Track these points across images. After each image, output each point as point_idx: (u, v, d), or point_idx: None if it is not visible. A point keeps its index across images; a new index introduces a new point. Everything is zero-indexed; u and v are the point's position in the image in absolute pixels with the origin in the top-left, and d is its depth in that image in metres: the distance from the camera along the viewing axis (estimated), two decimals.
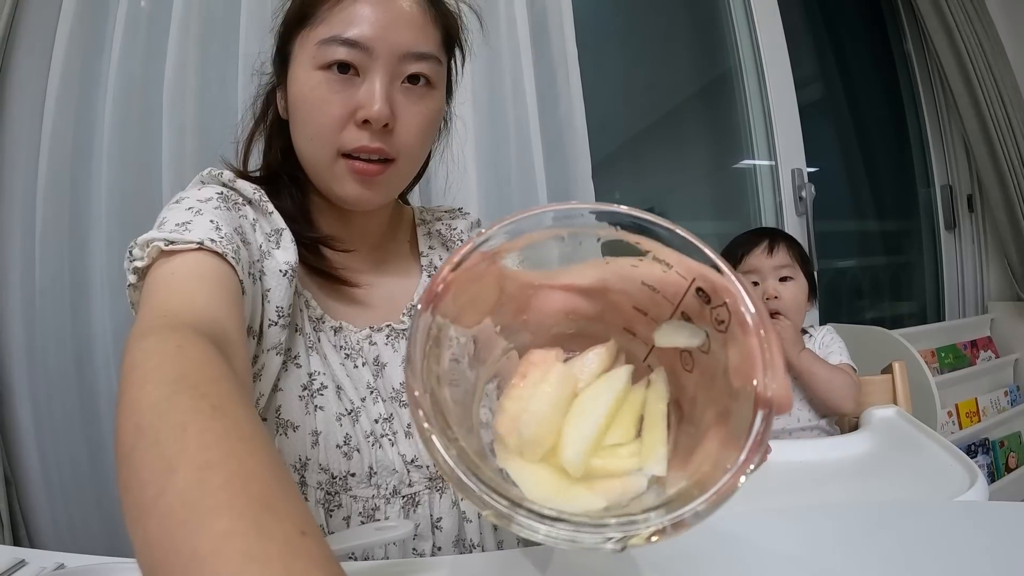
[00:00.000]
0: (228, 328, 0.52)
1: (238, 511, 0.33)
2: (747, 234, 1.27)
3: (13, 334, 1.31)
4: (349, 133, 0.72)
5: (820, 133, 2.09)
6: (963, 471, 0.82)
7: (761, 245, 1.19)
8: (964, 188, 2.23)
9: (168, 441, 0.36)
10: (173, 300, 0.54)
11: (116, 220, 1.28)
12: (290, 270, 0.70)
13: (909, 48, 2.29)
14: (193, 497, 0.33)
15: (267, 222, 0.74)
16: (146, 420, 0.38)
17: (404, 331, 0.82)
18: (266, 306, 0.68)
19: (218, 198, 0.68)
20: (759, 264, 1.19)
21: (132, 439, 0.37)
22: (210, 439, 0.36)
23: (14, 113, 1.30)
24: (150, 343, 0.45)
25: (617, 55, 1.99)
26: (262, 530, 0.32)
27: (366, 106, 0.70)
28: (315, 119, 0.72)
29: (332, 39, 0.70)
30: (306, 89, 0.72)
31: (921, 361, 1.56)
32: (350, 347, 0.78)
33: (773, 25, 1.90)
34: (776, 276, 1.18)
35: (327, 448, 0.71)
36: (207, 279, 0.57)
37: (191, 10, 1.29)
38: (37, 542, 1.34)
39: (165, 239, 0.58)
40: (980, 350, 1.95)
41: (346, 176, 0.73)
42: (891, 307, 2.40)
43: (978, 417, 1.80)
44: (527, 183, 1.40)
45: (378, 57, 0.71)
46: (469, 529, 0.79)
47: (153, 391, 0.40)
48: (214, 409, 0.39)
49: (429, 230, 0.92)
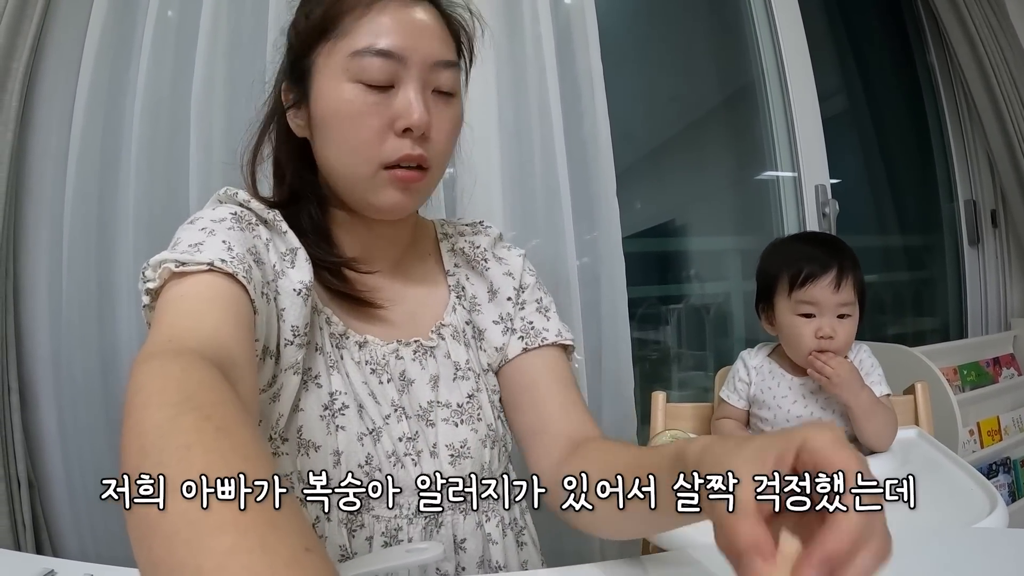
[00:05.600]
0: (235, 353, 0.53)
1: (242, 528, 0.33)
2: (812, 245, 1.13)
3: (39, 341, 1.33)
4: (390, 144, 0.71)
5: (842, 145, 2.08)
6: (984, 496, 0.81)
7: (828, 276, 1.06)
8: (988, 203, 2.20)
9: (172, 461, 0.36)
10: (181, 324, 0.54)
11: (143, 230, 1.29)
12: (304, 289, 0.70)
13: (932, 60, 2.26)
14: (197, 515, 0.33)
15: (282, 241, 0.73)
16: (150, 441, 0.39)
17: (432, 348, 0.81)
18: (282, 326, 0.68)
19: (232, 218, 0.68)
20: (822, 298, 1.06)
21: (136, 460, 0.37)
22: (215, 459, 0.36)
23: (43, 123, 1.32)
24: (154, 366, 0.45)
25: (640, 66, 1.98)
26: (267, 547, 0.33)
27: (405, 115, 0.70)
28: (354, 133, 0.71)
29: (365, 50, 0.70)
30: (340, 103, 0.71)
31: (944, 380, 1.55)
32: (375, 362, 0.77)
33: (796, 36, 1.88)
34: (836, 313, 1.07)
35: (349, 468, 0.71)
36: (216, 302, 0.57)
37: (219, 23, 1.30)
38: (59, 547, 1.35)
39: (176, 260, 0.58)
40: (1003, 367, 1.92)
41: (387, 186, 0.73)
42: (913, 323, 2.38)
43: (999, 435, 1.78)
44: (552, 200, 1.40)
45: (411, 66, 0.71)
46: (494, 551, 0.79)
47: (157, 413, 0.40)
48: (218, 430, 0.39)
49: (452, 246, 0.91)
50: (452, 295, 0.87)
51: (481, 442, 0.78)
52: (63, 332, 1.32)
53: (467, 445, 0.77)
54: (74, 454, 1.35)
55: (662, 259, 2.04)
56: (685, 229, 2.09)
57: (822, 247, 1.11)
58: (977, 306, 2.20)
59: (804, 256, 1.09)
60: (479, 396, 0.80)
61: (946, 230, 2.29)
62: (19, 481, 1.27)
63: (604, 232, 1.45)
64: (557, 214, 1.39)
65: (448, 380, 0.80)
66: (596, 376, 1.45)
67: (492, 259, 0.90)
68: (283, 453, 0.71)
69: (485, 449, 0.79)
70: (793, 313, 1.09)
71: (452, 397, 0.79)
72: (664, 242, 2.06)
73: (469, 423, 0.78)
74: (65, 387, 1.33)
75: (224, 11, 1.31)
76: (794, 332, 1.09)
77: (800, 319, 1.08)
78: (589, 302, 1.44)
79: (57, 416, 1.34)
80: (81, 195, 1.32)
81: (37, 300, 1.32)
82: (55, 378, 1.34)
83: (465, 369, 0.81)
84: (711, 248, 2.12)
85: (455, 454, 0.76)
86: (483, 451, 0.78)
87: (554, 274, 1.39)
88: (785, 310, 1.10)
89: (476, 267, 0.89)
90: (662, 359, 2.07)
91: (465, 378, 0.81)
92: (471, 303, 0.87)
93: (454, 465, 0.76)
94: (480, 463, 0.78)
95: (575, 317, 1.39)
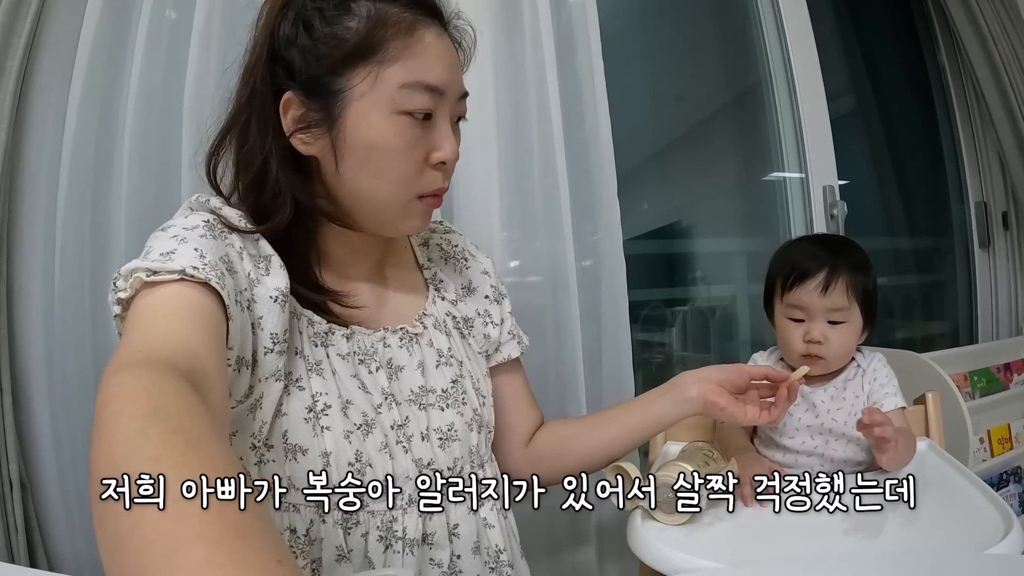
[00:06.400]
0: (206, 363, 0.52)
1: (214, 541, 0.33)
2: (806, 246, 1.08)
3: (32, 341, 1.32)
4: (427, 176, 0.75)
5: (851, 146, 2.05)
6: (998, 516, 0.78)
7: (816, 279, 1.00)
8: (999, 205, 2.16)
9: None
10: (151, 334, 0.54)
11: (136, 229, 1.27)
12: (280, 296, 0.69)
13: (943, 60, 2.23)
14: (168, 528, 0.33)
15: (255, 248, 0.72)
16: (119, 453, 0.38)
17: (417, 335, 0.83)
18: (259, 334, 0.68)
19: (204, 226, 0.67)
20: (809, 302, 1.01)
21: (106, 472, 0.37)
22: (184, 472, 0.36)
23: (37, 122, 1.30)
24: (124, 378, 0.45)
25: (645, 66, 1.96)
26: (237, 560, 0.32)
27: (443, 149, 0.74)
28: (400, 165, 0.72)
29: (416, 84, 0.70)
30: (390, 135, 0.71)
31: (954, 388, 1.51)
32: (364, 351, 0.78)
33: (804, 35, 1.85)
34: (826, 319, 1.01)
35: (339, 468, 0.71)
36: (187, 312, 0.56)
37: (212, 22, 1.28)
38: (52, 549, 1.34)
39: (148, 268, 0.58)
40: (1014, 373, 1.88)
41: (416, 213, 0.77)
42: (923, 327, 2.34)
43: (1010, 444, 1.73)
44: (551, 201, 1.38)
45: (448, 100, 0.74)
46: (492, 535, 0.81)
47: (127, 425, 0.40)
48: (188, 443, 0.39)
49: (425, 241, 0.95)
50: (431, 287, 0.90)
51: (467, 425, 0.81)
52: (56, 332, 1.31)
53: (454, 428, 0.80)
54: (67, 456, 1.33)
55: (667, 261, 2.01)
56: (690, 231, 2.07)
57: (821, 248, 1.05)
58: (988, 310, 2.16)
59: (799, 257, 1.04)
60: (462, 382, 0.84)
61: (956, 232, 2.25)
62: (11, 483, 1.26)
63: (605, 234, 1.43)
64: (556, 215, 1.37)
65: (432, 367, 0.83)
66: (595, 379, 1.42)
67: (470, 258, 0.95)
68: (269, 460, 0.71)
69: (472, 432, 0.82)
70: (784, 316, 1.05)
71: (437, 383, 0.82)
72: (669, 244, 2.04)
73: (455, 407, 0.81)
74: (58, 388, 1.32)
75: (218, 10, 1.29)
76: (784, 336, 1.05)
77: (790, 323, 1.04)
78: (589, 304, 1.42)
79: (50, 417, 1.33)
80: (74, 194, 1.30)
81: (30, 300, 1.31)
82: (48, 379, 1.32)
83: (448, 356, 0.84)
84: (717, 250, 2.10)
85: (443, 437, 0.79)
86: (470, 434, 0.81)
87: (553, 276, 1.38)
88: (779, 313, 1.07)
89: (455, 264, 0.94)
90: (666, 362, 2.04)
91: (448, 364, 0.84)
92: (453, 294, 0.91)
93: (444, 448, 0.78)
94: (468, 446, 0.81)
95: (574, 319, 1.36)
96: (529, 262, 1.42)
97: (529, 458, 0.96)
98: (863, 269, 1.03)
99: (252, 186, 0.74)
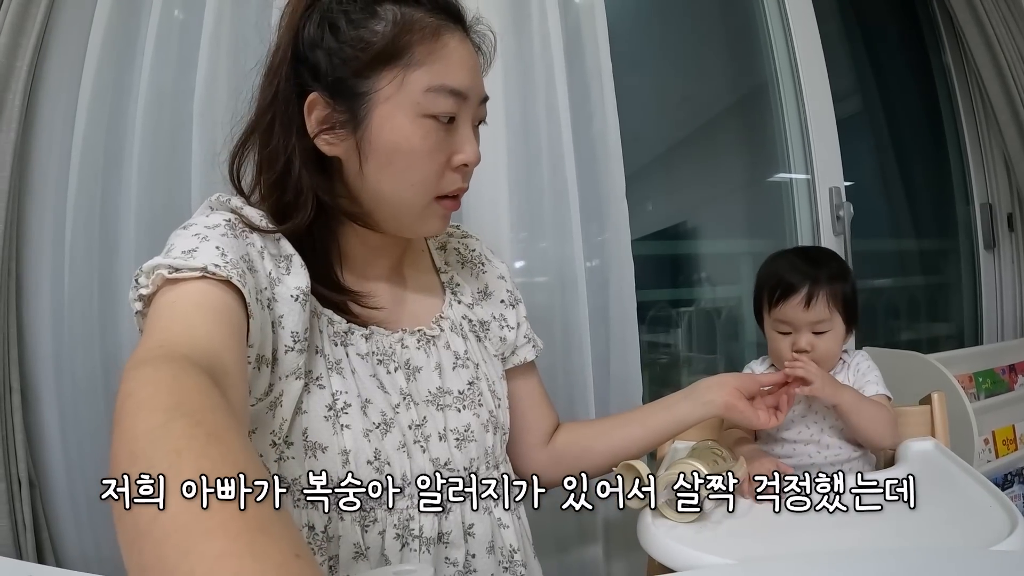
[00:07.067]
0: (226, 360, 0.53)
1: (233, 534, 0.33)
2: (787, 260, 1.13)
3: (41, 340, 1.32)
4: (448, 178, 0.75)
5: (857, 147, 2.05)
6: (1003, 515, 0.78)
7: (798, 295, 1.07)
8: (1004, 206, 2.16)
9: (162, 467, 0.36)
10: (172, 330, 0.54)
11: (145, 229, 1.28)
12: (301, 295, 0.69)
13: (948, 61, 2.22)
14: (187, 520, 0.34)
15: (276, 247, 0.73)
16: (140, 447, 0.39)
17: (434, 338, 0.84)
18: (280, 332, 0.68)
19: (225, 225, 0.67)
20: (794, 317, 1.08)
21: (126, 465, 0.37)
22: (205, 464, 0.36)
23: (46, 122, 1.30)
24: (146, 372, 0.46)
25: (651, 67, 1.96)
26: (256, 552, 0.33)
27: (465, 152, 0.74)
28: (423, 167, 0.73)
29: (440, 88, 0.71)
30: (415, 139, 0.71)
31: (959, 388, 1.51)
32: (382, 352, 0.79)
33: (810, 36, 1.85)
34: (811, 330, 1.08)
35: (358, 465, 0.71)
36: (208, 309, 0.57)
37: (222, 22, 1.28)
38: (60, 547, 1.34)
39: (170, 265, 0.58)
40: (1019, 374, 1.88)
41: (436, 215, 0.77)
42: (928, 328, 2.34)
43: (1015, 445, 1.73)
44: (559, 201, 1.38)
45: (470, 104, 0.75)
46: (506, 535, 0.82)
47: (148, 418, 0.40)
48: (209, 436, 0.39)
49: (443, 245, 0.96)
50: (447, 291, 0.91)
51: (483, 426, 0.82)
52: (65, 331, 1.31)
53: (471, 429, 0.81)
54: (75, 454, 1.34)
55: (673, 262, 2.02)
56: (697, 231, 2.07)
57: (801, 262, 1.11)
58: (993, 311, 2.16)
59: (781, 273, 1.11)
60: (479, 384, 0.85)
61: (961, 234, 2.25)
62: (20, 481, 1.26)
63: (613, 234, 1.43)
64: (565, 215, 1.37)
65: (449, 369, 0.84)
66: (604, 380, 1.43)
67: (486, 263, 0.96)
68: (289, 457, 0.71)
69: (487, 434, 0.83)
70: (773, 329, 1.12)
71: (454, 384, 0.83)
72: (675, 245, 2.04)
73: (471, 408, 0.82)
74: (67, 386, 1.32)
75: (227, 10, 1.29)
76: (774, 346, 1.12)
77: (779, 335, 1.11)
78: (597, 305, 1.42)
79: (59, 416, 1.33)
80: (84, 194, 1.30)
81: (39, 299, 1.31)
82: (57, 377, 1.32)
83: (464, 359, 0.85)
84: (723, 251, 2.10)
85: (460, 438, 0.80)
86: (485, 435, 0.83)
87: (561, 276, 1.38)
88: (768, 325, 1.13)
89: (472, 268, 0.95)
90: (672, 363, 2.04)
91: (465, 367, 0.85)
92: (469, 298, 0.92)
93: (460, 448, 0.79)
94: (484, 447, 0.82)
95: (582, 320, 1.37)
96: (537, 262, 1.42)
97: (551, 457, 0.98)
98: (841, 278, 1.09)
99: (275, 185, 0.75)
